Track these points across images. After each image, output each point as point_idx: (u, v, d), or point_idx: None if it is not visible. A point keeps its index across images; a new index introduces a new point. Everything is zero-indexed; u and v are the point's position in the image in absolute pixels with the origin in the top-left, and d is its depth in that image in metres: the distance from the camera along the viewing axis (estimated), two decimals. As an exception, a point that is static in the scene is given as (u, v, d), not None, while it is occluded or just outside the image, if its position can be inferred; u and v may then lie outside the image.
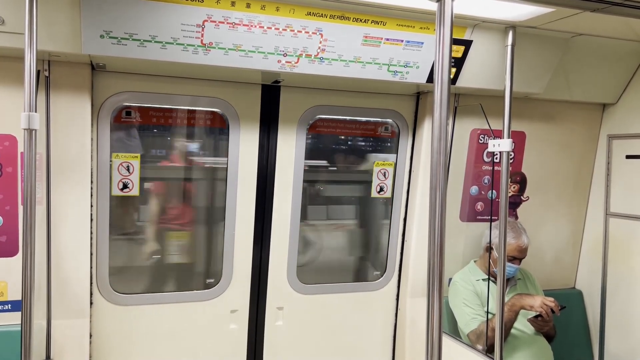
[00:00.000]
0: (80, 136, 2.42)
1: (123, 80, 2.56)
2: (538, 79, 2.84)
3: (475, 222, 3.20)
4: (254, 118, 2.82)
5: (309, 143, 3.01)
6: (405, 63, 2.54)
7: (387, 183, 3.18)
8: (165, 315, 2.83)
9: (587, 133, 3.38)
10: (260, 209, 2.91)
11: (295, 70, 2.41)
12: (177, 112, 2.82)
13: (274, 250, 2.98)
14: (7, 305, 2.41)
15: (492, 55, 2.64)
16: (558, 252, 3.48)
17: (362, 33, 2.38)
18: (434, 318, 1.38)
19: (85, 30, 2.06)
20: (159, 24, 2.12)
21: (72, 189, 2.43)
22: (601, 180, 3.37)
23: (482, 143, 3.13)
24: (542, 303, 2.70)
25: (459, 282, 3.00)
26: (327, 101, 2.94)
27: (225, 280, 2.91)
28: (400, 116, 3.09)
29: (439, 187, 1.37)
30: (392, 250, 3.22)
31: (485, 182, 3.18)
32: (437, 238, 1.37)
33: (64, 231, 2.44)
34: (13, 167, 2.33)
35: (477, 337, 2.80)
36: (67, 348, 2.50)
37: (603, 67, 3.05)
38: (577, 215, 3.48)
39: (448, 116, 1.39)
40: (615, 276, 3.26)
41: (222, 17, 2.17)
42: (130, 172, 2.67)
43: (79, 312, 2.52)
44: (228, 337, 2.97)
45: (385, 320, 3.29)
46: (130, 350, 2.79)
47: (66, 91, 2.37)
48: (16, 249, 2.38)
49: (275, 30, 2.27)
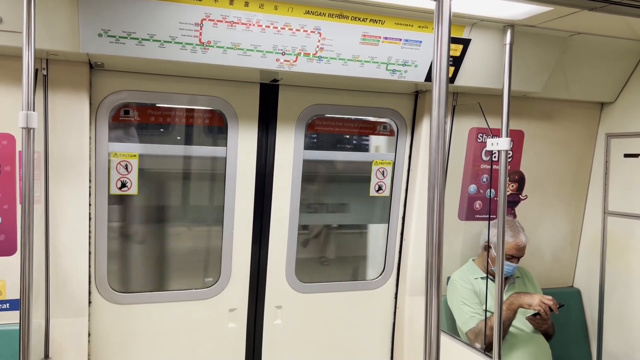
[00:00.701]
0: (79, 135, 2.42)
1: (121, 79, 2.55)
2: (536, 78, 2.84)
3: (474, 220, 3.21)
4: (253, 117, 2.82)
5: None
6: (403, 62, 2.54)
7: (385, 182, 3.18)
8: (163, 313, 2.83)
9: (585, 132, 3.39)
10: (259, 208, 2.91)
11: (294, 69, 2.41)
12: (176, 111, 2.82)
13: (272, 248, 2.98)
14: (5, 305, 2.41)
15: (491, 54, 2.64)
16: (556, 251, 3.48)
17: (361, 32, 2.38)
18: (432, 316, 1.38)
19: (84, 28, 2.06)
20: (157, 22, 2.12)
21: (70, 187, 2.43)
22: (599, 179, 3.38)
23: (480, 142, 3.13)
24: (541, 301, 2.70)
25: (457, 280, 3.00)
26: (325, 100, 2.94)
27: (224, 279, 2.91)
28: (399, 115, 3.10)
29: (437, 185, 1.37)
30: (391, 248, 3.22)
31: (483, 180, 3.18)
32: (435, 237, 1.37)
33: (62, 230, 2.44)
34: (11, 166, 2.33)
35: (476, 335, 2.81)
36: (65, 347, 2.50)
37: (601, 65, 3.05)
38: (576, 214, 3.49)
39: (446, 115, 1.39)
40: (613, 275, 3.27)
41: (220, 15, 2.17)
42: (128, 171, 2.67)
43: (77, 310, 2.52)
44: (227, 335, 2.97)
45: (383, 318, 3.29)
46: (129, 348, 2.79)
47: (64, 90, 2.37)
48: (14, 248, 2.38)
49: (273, 29, 2.27)
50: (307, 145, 2.98)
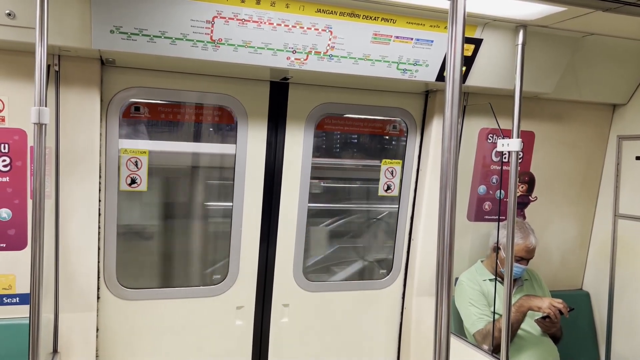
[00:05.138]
0: (89, 131, 2.43)
1: (132, 76, 2.56)
2: (548, 79, 2.82)
3: (483, 221, 3.19)
4: (262, 115, 2.82)
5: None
6: (414, 61, 2.53)
7: (394, 181, 3.17)
8: (171, 310, 2.84)
9: (596, 133, 3.36)
10: (267, 206, 2.91)
11: (304, 68, 2.41)
12: (186, 108, 2.83)
13: (280, 247, 2.98)
14: (15, 299, 2.42)
15: (502, 54, 2.63)
16: (566, 253, 3.46)
17: (372, 31, 2.37)
18: (442, 318, 1.37)
19: (96, 25, 2.07)
20: (168, 19, 2.12)
21: (80, 183, 2.44)
22: (610, 181, 3.35)
23: (490, 142, 3.11)
24: (551, 304, 2.69)
25: (465, 281, 2.99)
26: (335, 99, 2.94)
27: (232, 277, 2.92)
28: (409, 114, 3.08)
29: (449, 186, 1.36)
30: (399, 248, 3.22)
31: (493, 181, 3.17)
32: (446, 238, 1.36)
33: (72, 225, 2.45)
34: (22, 161, 2.34)
35: (484, 337, 2.79)
36: (74, 341, 2.51)
37: (613, 67, 3.03)
38: (586, 216, 3.46)
39: (458, 115, 1.38)
40: (623, 278, 3.24)
41: (231, 13, 2.17)
42: (138, 168, 2.68)
43: (86, 305, 2.53)
44: (234, 333, 2.98)
45: (390, 318, 3.29)
46: (136, 344, 2.80)
47: (76, 86, 2.38)
48: (25, 243, 2.39)
49: (284, 27, 2.26)
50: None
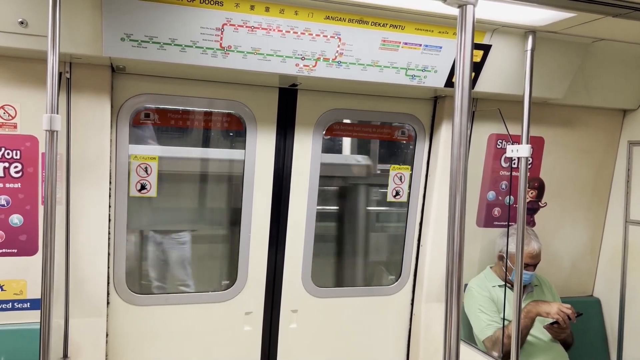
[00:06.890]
0: (100, 137, 2.45)
1: (142, 83, 2.58)
2: (557, 84, 2.81)
3: (492, 227, 3.17)
4: (271, 121, 2.82)
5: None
6: (423, 67, 2.53)
7: (403, 187, 3.16)
8: (180, 316, 2.84)
9: (607, 139, 3.34)
10: (276, 212, 2.92)
11: (313, 74, 2.42)
12: (195, 115, 2.84)
13: (289, 253, 2.98)
14: (26, 304, 2.44)
15: (511, 60, 2.62)
16: (576, 260, 3.43)
17: (381, 37, 2.37)
18: (451, 324, 1.37)
19: (107, 33, 2.09)
20: (178, 27, 2.14)
21: (91, 189, 2.46)
22: (621, 187, 3.32)
23: (499, 148, 3.10)
24: (559, 310, 2.67)
25: (474, 288, 2.98)
26: (344, 105, 2.94)
27: (241, 282, 2.92)
28: (417, 120, 3.08)
29: (458, 193, 1.36)
30: (407, 254, 3.20)
31: (502, 187, 3.15)
32: (456, 244, 1.36)
33: (82, 231, 2.47)
34: (34, 168, 2.36)
35: (493, 343, 2.78)
36: (84, 347, 2.52)
37: (623, 72, 3.01)
38: (596, 222, 3.43)
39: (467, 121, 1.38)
40: (634, 285, 3.21)
41: (241, 20, 2.18)
42: (148, 174, 2.69)
43: (95, 311, 2.55)
44: (242, 338, 2.98)
45: (399, 324, 3.27)
46: (146, 349, 2.81)
47: (86, 93, 2.40)
48: (36, 248, 2.41)
49: (293, 34, 2.27)
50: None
